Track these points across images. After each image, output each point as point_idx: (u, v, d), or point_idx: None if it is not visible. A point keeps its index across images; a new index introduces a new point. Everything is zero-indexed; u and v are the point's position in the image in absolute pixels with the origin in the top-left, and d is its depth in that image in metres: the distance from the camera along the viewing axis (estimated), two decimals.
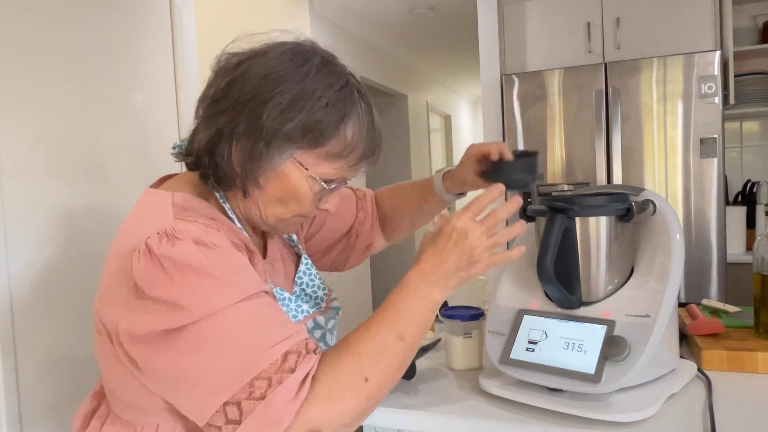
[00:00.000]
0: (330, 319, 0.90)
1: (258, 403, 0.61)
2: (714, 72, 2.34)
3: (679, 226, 0.98)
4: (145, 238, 0.66)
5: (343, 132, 0.73)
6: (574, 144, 2.57)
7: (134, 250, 0.66)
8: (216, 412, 0.62)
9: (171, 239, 0.66)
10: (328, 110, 0.72)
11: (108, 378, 0.77)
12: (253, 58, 0.74)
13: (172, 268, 0.64)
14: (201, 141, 0.74)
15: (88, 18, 1.73)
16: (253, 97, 0.71)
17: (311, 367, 0.65)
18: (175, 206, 0.71)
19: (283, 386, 0.61)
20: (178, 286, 0.64)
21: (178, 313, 0.63)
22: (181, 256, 0.65)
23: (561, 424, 0.88)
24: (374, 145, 0.78)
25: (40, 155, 1.55)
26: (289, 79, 0.71)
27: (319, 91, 0.71)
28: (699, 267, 2.40)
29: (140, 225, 0.71)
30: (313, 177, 0.74)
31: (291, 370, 0.63)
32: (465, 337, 1.14)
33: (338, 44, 4.17)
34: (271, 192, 0.75)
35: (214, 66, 0.77)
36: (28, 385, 1.49)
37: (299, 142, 0.72)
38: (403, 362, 0.70)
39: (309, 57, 0.74)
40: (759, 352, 1.04)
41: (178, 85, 2.10)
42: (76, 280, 1.65)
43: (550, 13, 2.74)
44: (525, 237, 1.14)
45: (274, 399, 0.61)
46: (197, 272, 0.64)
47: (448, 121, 6.12)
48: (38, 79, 1.56)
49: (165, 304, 0.64)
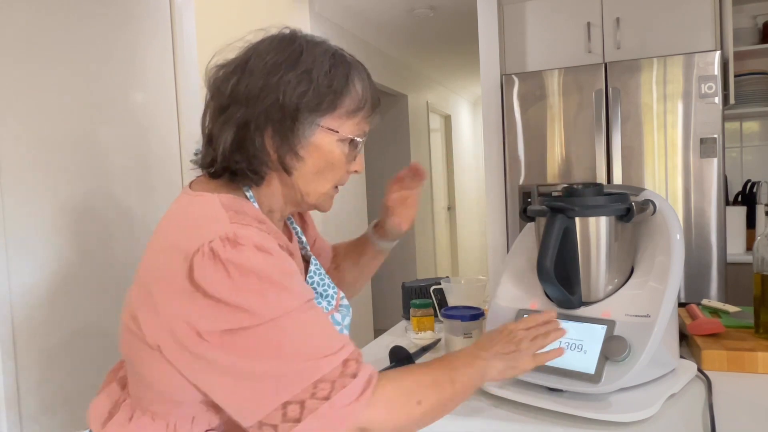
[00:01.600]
0: (345, 316, 0.92)
1: (322, 403, 0.66)
2: (714, 72, 2.34)
3: (679, 226, 0.98)
4: (208, 242, 0.69)
5: (353, 88, 0.80)
6: (574, 144, 2.57)
7: (196, 252, 0.69)
8: (274, 410, 0.66)
9: (234, 244, 0.69)
10: (333, 74, 0.78)
11: (143, 372, 0.77)
12: (246, 58, 0.79)
13: (237, 273, 0.67)
14: (225, 143, 0.78)
15: (88, 18, 1.73)
16: (263, 87, 0.76)
17: (370, 374, 0.71)
18: (226, 209, 0.74)
19: (347, 389, 0.67)
20: (242, 291, 0.67)
21: (240, 316, 0.67)
22: (246, 261, 0.68)
23: (561, 424, 0.88)
24: (378, 96, 0.85)
25: (39, 155, 1.55)
26: (287, 60, 0.77)
27: (318, 61, 0.78)
28: (699, 267, 2.40)
29: (195, 226, 0.73)
30: (342, 139, 0.81)
31: (353, 375, 0.69)
32: (465, 337, 1.14)
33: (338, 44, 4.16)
34: (309, 166, 0.80)
35: (207, 81, 0.82)
36: (28, 385, 1.49)
37: (320, 109, 0.78)
38: (449, 403, 0.76)
39: (295, 39, 0.80)
40: (759, 352, 1.04)
41: (178, 85, 2.10)
42: (76, 279, 1.65)
43: (550, 13, 2.74)
44: (525, 237, 1.14)
45: (338, 400, 0.66)
46: (260, 278, 0.68)
47: (448, 121, 6.12)
48: (38, 80, 1.56)
49: (228, 307, 0.67)
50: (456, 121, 6.34)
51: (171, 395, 0.75)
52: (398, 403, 0.71)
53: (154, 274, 0.73)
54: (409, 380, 0.74)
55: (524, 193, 2.65)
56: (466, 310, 1.16)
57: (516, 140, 2.67)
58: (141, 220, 1.89)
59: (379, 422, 0.69)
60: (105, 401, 0.86)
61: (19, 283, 1.48)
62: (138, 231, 1.88)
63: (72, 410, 1.61)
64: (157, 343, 0.72)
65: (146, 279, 0.74)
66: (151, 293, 0.72)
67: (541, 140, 2.62)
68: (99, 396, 0.87)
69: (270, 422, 0.66)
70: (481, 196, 7.21)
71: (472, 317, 1.14)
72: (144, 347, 0.74)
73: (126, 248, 1.83)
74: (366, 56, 4.04)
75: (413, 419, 0.73)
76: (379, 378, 0.72)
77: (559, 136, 2.59)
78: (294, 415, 0.66)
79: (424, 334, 1.39)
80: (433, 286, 1.54)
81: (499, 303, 1.07)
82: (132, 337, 0.76)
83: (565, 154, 2.59)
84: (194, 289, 0.68)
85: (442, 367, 0.78)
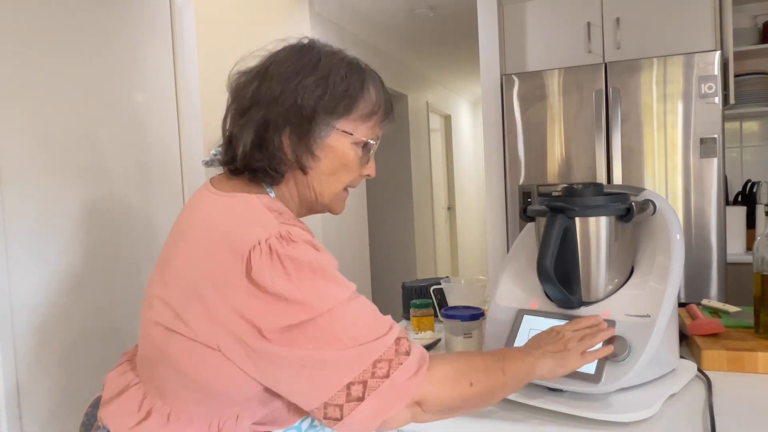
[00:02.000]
0: None
1: (383, 381, 0.71)
2: (714, 72, 2.34)
3: (679, 226, 0.98)
4: (265, 239, 0.72)
5: (367, 93, 0.85)
6: (574, 144, 2.57)
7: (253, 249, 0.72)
8: (338, 391, 0.71)
9: (289, 241, 0.73)
10: (348, 80, 0.83)
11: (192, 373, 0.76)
12: (266, 65, 0.84)
13: (293, 268, 0.72)
14: (246, 142, 0.82)
15: (88, 18, 1.73)
16: (283, 90, 0.81)
17: (422, 352, 0.76)
18: (270, 210, 0.78)
19: (404, 366, 0.72)
20: (298, 285, 0.71)
21: (298, 309, 0.71)
22: (301, 256, 0.73)
23: (561, 424, 0.88)
24: (391, 102, 0.90)
25: (39, 155, 1.55)
26: (306, 66, 0.82)
27: (334, 68, 0.83)
28: (699, 267, 2.39)
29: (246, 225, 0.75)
30: (356, 142, 0.85)
31: (407, 353, 0.74)
32: (465, 337, 1.14)
33: (338, 44, 4.15)
34: (323, 166, 0.85)
35: (229, 87, 0.87)
36: (28, 385, 1.49)
37: (336, 112, 0.82)
38: (498, 389, 0.80)
39: (313, 47, 0.85)
40: (759, 352, 1.04)
41: (178, 85, 2.10)
42: (76, 279, 1.65)
43: (550, 13, 2.74)
44: (525, 237, 1.14)
45: (398, 377, 0.72)
46: (314, 271, 0.73)
47: (448, 121, 6.12)
48: (38, 80, 1.56)
49: (287, 302, 0.71)
50: (456, 121, 6.34)
51: (228, 395, 0.76)
52: (453, 381, 0.76)
53: (202, 274, 0.74)
54: (463, 362, 0.79)
55: (524, 193, 2.65)
56: (466, 310, 1.16)
57: (516, 140, 2.66)
58: (141, 219, 1.89)
59: (434, 397, 0.74)
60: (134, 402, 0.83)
61: (19, 283, 1.48)
62: (138, 231, 1.88)
63: (72, 410, 1.61)
64: (216, 343, 0.73)
65: (192, 279, 0.75)
66: (201, 293, 0.73)
67: (541, 140, 2.62)
68: (123, 398, 0.85)
69: (335, 402, 0.71)
70: (481, 196, 7.21)
71: (472, 317, 1.14)
72: (198, 347, 0.74)
73: (126, 248, 1.83)
74: (366, 56, 4.03)
75: (465, 399, 0.77)
76: (435, 357, 0.77)
77: (559, 136, 2.59)
78: (357, 394, 0.71)
79: (424, 334, 1.39)
80: (433, 286, 1.54)
81: (499, 303, 1.07)
82: (174, 338, 0.76)
83: (565, 154, 2.59)
84: (253, 286, 0.71)
85: (494, 357, 0.83)
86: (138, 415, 0.80)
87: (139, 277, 1.87)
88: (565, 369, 0.87)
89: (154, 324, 0.78)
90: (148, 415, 0.80)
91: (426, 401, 0.74)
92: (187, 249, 0.78)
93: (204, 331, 0.73)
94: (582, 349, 0.88)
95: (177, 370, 0.77)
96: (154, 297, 0.79)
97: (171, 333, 0.76)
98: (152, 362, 0.81)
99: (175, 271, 0.78)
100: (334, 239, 3.53)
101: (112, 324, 1.76)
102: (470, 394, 0.77)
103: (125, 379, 0.87)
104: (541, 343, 0.89)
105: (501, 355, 0.84)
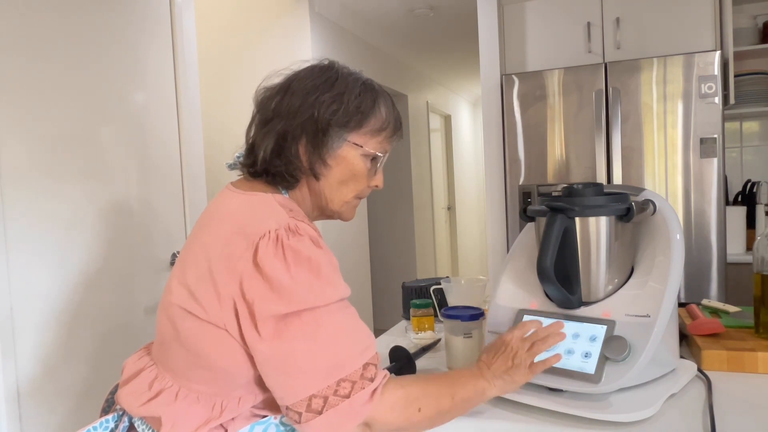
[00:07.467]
0: None
1: (343, 401, 0.76)
2: (714, 72, 2.34)
3: (679, 226, 0.98)
4: (274, 229, 0.79)
5: (378, 111, 0.93)
6: (574, 144, 2.57)
7: (263, 237, 0.78)
8: (300, 400, 0.76)
9: (295, 234, 0.79)
10: (362, 97, 0.91)
11: (203, 350, 0.81)
12: (290, 81, 0.92)
13: (292, 258, 0.77)
14: (266, 149, 0.90)
15: (87, 18, 1.73)
16: (302, 105, 0.89)
17: (383, 379, 0.80)
18: (283, 206, 0.84)
19: (364, 391, 0.77)
20: (292, 275, 0.76)
21: (286, 298, 0.75)
22: (303, 249, 0.78)
23: (561, 424, 0.88)
24: (400, 120, 0.98)
25: (40, 155, 1.55)
26: (324, 84, 0.90)
27: (350, 87, 0.91)
28: (699, 267, 2.39)
29: (261, 217, 0.82)
30: (365, 154, 0.92)
31: (370, 379, 0.78)
32: (465, 337, 1.14)
33: (338, 44, 4.17)
34: (335, 175, 0.92)
35: (255, 100, 0.95)
36: (28, 386, 1.49)
37: (348, 126, 0.90)
38: (446, 415, 0.85)
39: (332, 67, 0.93)
40: (759, 352, 1.04)
41: (178, 85, 2.10)
42: (76, 278, 1.65)
43: (550, 13, 2.74)
44: (525, 237, 1.14)
45: (356, 399, 0.76)
46: (310, 266, 0.78)
47: (448, 121, 6.12)
48: (38, 80, 1.56)
49: (279, 288, 0.76)
50: (456, 121, 6.34)
51: (232, 375, 0.81)
52: (402, 407, 0.80)
53: (217, 258, 0.80)
54: (416, 387, 0.83)
55: (524, 193, 2.65)
56: (466, 310, 1.16)
57: (516, 140, 2.66)
58: (140, 219, 1.89)
59: (384, 420, 0.79)
60: (133, 365, 0.93)
61: (19, 283, 1.48)
62: (137, 230, 1.88)
63: (72, 410, 1.61)
64: (223, 323, 0.79)
65: (208, 262, 0.81)
66: (214, 275, 0.80)
67: (541, 140, 2.62)
68: (129, 377, 0.92)
69: (296, 409, 0.76)
70: (481, 196, 7.21)
71: (472, 317, 1.14)
72: (208, 327, 0.80)
73: (126, 247, 1.83)
74: (366, 56, 4.04)
75: (412, 423, 0.81)
76: (392, 381, 0.81)
77: (559, 136, 2.59)
78: (317, 408, 0.76)
79: (424, 334, 1.39)
80: (433, 286, 1.54)
81: (499, 303, 1.07)
82: (189, 318, 0.82)
83: (565, 154, 2.59)
84: (256, 270, 0.77)
85: (448, 381, 0.87)
86: (148, 393, 0.86)
87: (139, 277, 1.87)
88: (514, 386, 0.90)
89: (172, 305, 0.84)
90: (158, 394, 0.85)
91: (375, 423, 0.78)
92: (207, 237, 0.85)
93: (214, 311, 0.79)
94: (530, 360, 0.90)
95: (188, 349, 0.83)
96: (173, 279, 0.86)
97: (186, 313, 0.82)
98: (166, 343, 0.86)
99: (193, 255, 0.84)
100: (335, 239, 3.53)
101: (111, 323, 1.76)
102: (418, 419, 0.81)
103: (141, 363, 0.93)
104: (492, 360, 0.92)
105: (455, 379, 0.87)
